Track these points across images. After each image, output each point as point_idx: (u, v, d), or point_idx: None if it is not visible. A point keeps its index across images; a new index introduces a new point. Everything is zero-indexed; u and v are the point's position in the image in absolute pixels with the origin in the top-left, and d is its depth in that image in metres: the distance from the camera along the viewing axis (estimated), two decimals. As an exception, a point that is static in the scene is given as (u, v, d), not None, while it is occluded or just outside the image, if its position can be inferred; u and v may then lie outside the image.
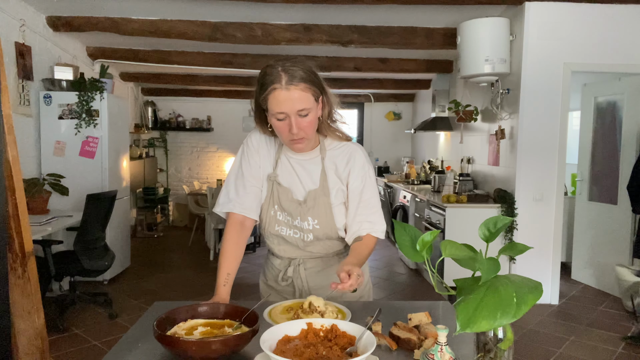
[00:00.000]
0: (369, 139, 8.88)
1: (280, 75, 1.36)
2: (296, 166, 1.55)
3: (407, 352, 1.17)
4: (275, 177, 1.55)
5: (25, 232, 2.14)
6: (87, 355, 3.30)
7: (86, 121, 4.66)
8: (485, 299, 0.75)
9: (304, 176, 1.54)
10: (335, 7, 4.22)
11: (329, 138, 1.56)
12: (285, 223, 1.55)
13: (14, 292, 2.11)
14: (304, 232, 1.54)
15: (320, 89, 1.44)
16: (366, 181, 1.54)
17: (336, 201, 1.53)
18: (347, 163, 1.54)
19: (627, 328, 3.80)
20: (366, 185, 1.54)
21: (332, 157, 1.54)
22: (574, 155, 5.50)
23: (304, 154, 1.55)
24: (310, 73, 1.41)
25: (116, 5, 4.34)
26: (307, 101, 1.38)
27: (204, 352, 1.04)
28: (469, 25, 4.32)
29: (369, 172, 1.56)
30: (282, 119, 1.39)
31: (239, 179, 1.55)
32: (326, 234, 1.54)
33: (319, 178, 1.53)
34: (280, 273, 1.64)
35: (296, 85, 1.36)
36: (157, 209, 7.92)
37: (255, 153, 1.57)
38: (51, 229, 3.56)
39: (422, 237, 0.92)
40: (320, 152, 1.55)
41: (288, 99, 1.35)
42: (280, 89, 1.35)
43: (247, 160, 1.56)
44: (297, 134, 1.40)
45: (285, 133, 1.41)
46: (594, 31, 4.21)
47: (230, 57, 5.92)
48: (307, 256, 1.60)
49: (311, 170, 1.54)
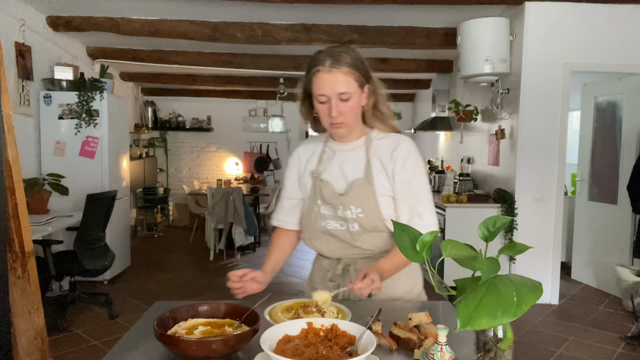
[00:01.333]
0: (369, 139, 8.88)
1: (325, 59, 1.40)
2: (340, 157, 1.54)
3: (407, 352, 1.17)
4: (318, 174, 1.55)
5: (25, 232, 2.14)
6: (87, 355, 3.30)
7: (86, 121, 4.66)
8: (485, 298, 0.76)
9: (347, 167, 1.52)
10: (335, 7, 4.22)
11: (376, 130, 1.54)
12: (330, 216, 1.53)
13: (14, 292, 2.11)
14: (348, 222, 1.50)
15: (366, 77, 1.44)
16: (414, 171, 1.48)
17: (381, 191, 1.48)
18: (392, 153, 1.49)
19: (627, 328, 3.80)
20: (414, 176, 1.48)
21: (378, 148, 1.51)
22: (574, 155, 5.50)
23: (349, 144, 1.54)
24: (357, 60, 1.42)
25: (116, 5, 4.34)
26: (348, 86, 1.40)
27: (204, 352, 1.04)
28: (469, 25, 4.32)
29: (417, 162, 1.50)
30: (324, 102, 1.42)
31: (284, 197, 1.67)
32: (372, 224, 1.49)
33: (363, 168, 1.50)
34: (329, 273, 1.59)
35: (338, 68, 1.38)
36: (157, 209, 7.92)
37: (294, 167, 1.64)
38: (51, 229, 3.56)
39: (421, 238, 0.92)
40: (365, 142, 1.53)
41: (329, 81, 1.39)
42: (323, 72, 1.39)
43: (288, 176, 1.66)
44: (336, 117, 1.41)
45: (325, 116, 1.44)
46: (594, 31, 4.21)
47: (230, 57, 5.92)
48: (357, 254, 1.54)
49: (356, 160, 1.52)
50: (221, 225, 6.04)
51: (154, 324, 1.11)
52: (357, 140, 1.54)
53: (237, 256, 6.17)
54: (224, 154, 8.77)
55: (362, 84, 1.43)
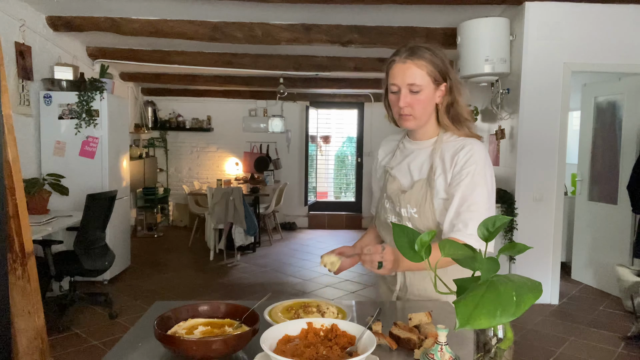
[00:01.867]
0: (369, 139, 8.88)
1: (403, 51, 1.43)
2: (410, 155, 1.56)
3: (407, 352, 1.17)
4: (390, 168, 1.59)
5: (25, 232, 2.14)
6: (87, 355, 3.30)
7: (86, 121, 4.66)
8: (485, 297, 0.76)
9: (414, 166, 1.53)
10: (335, 7, 4.22)
11: (449, 132, 1.50)
12: (391, 210, 1.55)
13: (14, 292, 2.11)
14: (403, 221, 1.51)
15: (443, 75, 1.44)
16: (471, 176, 1.40)
17: (439, 194, 1.45)
18: (454, 156, 1.44)
19: (627, 328, 3.80)
20: (468, 181, 1.40)
21: (444, 150, 1.48)
22: (574, 155, 5.50)
23: (420, 143, 1.55)
24: (436, 57, 1.43)
25: (116, 5, 4.34)
26: (420, 78, 1.41)
27: (204, 352, 1.04)
28: (469, 25, 4.32)
29: (477, 168, 1.41)
30: (395, 92, 1.45)
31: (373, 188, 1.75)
32: (426, 227, 1.47)
33: (427, 169, 1.49)
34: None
35: (413, 60, 1.41)
36: (157, 209, 7.92)
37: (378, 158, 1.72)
38: (51, 229, 3.56)
39: (420, 238, 0.92)
40: (435, 143, 1.51)
41: (401, 71, 1.42)
42: (398, 62, 1.43)
43: (374, 167, 1.76)
44: (403, 108, 1.43)
45: (395, 106, 1.47)
46: (594, 31, 4.21)
47: (230, 57, 5.92)
48: None
49: (422, 160, 1.52)
50: (221, 225, 6.04)
51: (154, 324, 1.11)
52: (428, 140, 1.53)
53: (237, 256, 6.17)
54: (224, 154, 8.77)
55: (437, 81, 1.43)
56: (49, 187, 4.27)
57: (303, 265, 5.99)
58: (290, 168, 8.73)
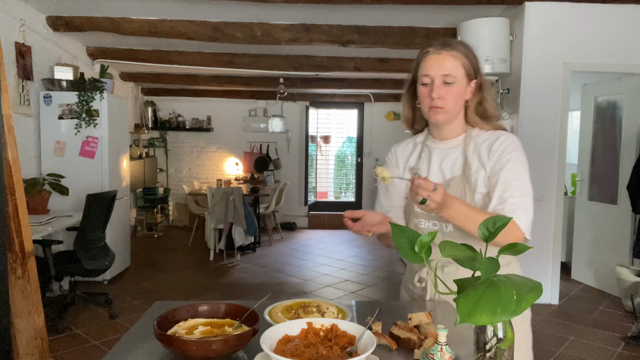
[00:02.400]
0: (369, 139, 8.88)
1: (435, 43, 1.42)
2: (439, 155, 1.51)
3: (407, 352, 1.17)
4: (417, 170, 1.53)
5: (25, 232, 2.14)
6: (87, 355, 3.30)
7: (86, 121, 4.66)
8: (485, 294, 0.76)
9: (446, 165, 1.49)
10: (335, 7, 4.22)
11: (477, 129, 1.49)
12: (424, 214, 1.48)
13: (14, 292, 2.11)
14: (442, 222, 1.45)
15: (475, 70, 1.43)
16: (509, 163, 1.39)
17: (480, 189, 1.43)
18: (490, 148, 1.44)
19: (627, 328, 3.80)
20: (512, 169, 1.39)
21: (477, 145, 1.47)
22: (574, 155, 5.50)
23: (448, 142, 1.50)
24: (469, 51, 1.43)
25: (116, 5, 4.34)
26: (455, 69, 1.39)
27: (204, 352, 1.04)
28: (469, 25, 4.32)
29: (519, 155, 1.42)
30: (426, 84, 1.41)
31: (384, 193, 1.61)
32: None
33: (461, 166, 1.46)
34: (417, 274, 1.56)
35: (448, 51, 1.39)
36: (157, 209, 7.92)
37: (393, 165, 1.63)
38: (51, 229, 3.56)
39: (420, 239, 0.92)
40: (464, 140, 1.49)
41: (436, 62, 1.39)
42: (432, 53, 1.41)
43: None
44: (435, 101, 1.39)
45: (426, 98, 1.42)
46: (594, 31, 4.21)
47: (230, 57, 5.92)
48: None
49: (454, 158, 1.49)
50: (221, 225, 6.04)
51: (154, 324, 1.11)
52: (457, 138, 1.50)
53: (237, 256, 6.17)
54: (224, 154, 8.77)
55: (469, 75, 1.42)
56: (49, 187, 4.27)
57: (303, 265, 5.99)
58: (290, 168, 8.73)
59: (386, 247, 1.60)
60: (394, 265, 5.97)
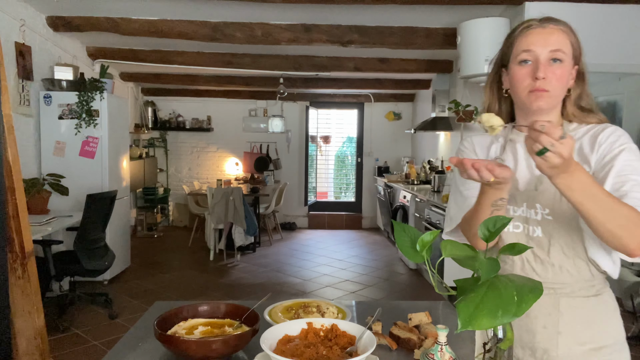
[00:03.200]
0: (369, 139, 8.88)
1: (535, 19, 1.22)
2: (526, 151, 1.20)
3: (407, 352, 1.17)
4: (502, 160, 1.28)
5: (25, 232, 2.14)
6: (87, 355, 3.30)
7: (86, 121, 4.66)
8: (486, 297, 0.76)
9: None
10: (335, 7, 4.22)
11: (575, 123, 1.28)
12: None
13: (14, 292, 2.11)
14: (529, 224, 1.22)
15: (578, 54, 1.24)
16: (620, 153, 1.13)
17: None
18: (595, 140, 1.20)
19: (627, 328, 3.80)
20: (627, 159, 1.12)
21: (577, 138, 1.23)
22: (574, 155, 5.50)
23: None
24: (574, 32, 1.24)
25: (116, 5, 4.34)
26: (565, 45, 1.18)
27: (204, 352, 1.05)
28: (469, 25, 4.32)
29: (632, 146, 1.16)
30: (526, 62, 1.18)
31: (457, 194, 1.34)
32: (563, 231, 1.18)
33: None
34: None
35: (556, 24, 1.20)
36: (157, 209, 7.92)
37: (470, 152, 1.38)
38: (51, 229, 3.56)
39: (421, 237, 0.92)
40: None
41: (543, 36, 1.18)
42: (536, 26, 1.20)
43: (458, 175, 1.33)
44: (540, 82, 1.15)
45: (526, 79, 1.18)
46: (594, 31, 4.21)
47: (230, 57, 5.92)
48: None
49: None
50: (221, 225, 6.04)
51: (154, 324, 1.11)
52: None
53: (237, 256, 6.17)
54: (224, 154, 8.77)
55: (575, 58, 1.22)
56: (49, 187, 4.27)
57: (303, 265, 5.99)
58: (290, 168, 8.73)
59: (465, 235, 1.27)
60: (394, 266, 5.97)
